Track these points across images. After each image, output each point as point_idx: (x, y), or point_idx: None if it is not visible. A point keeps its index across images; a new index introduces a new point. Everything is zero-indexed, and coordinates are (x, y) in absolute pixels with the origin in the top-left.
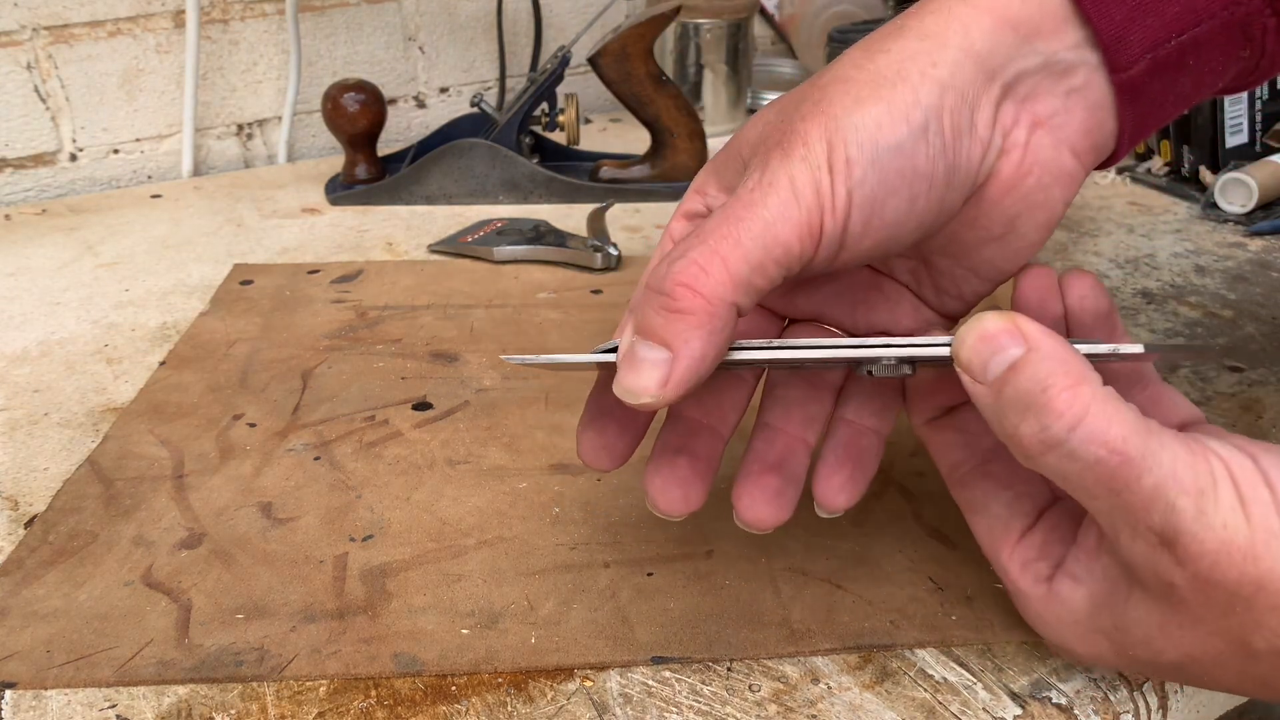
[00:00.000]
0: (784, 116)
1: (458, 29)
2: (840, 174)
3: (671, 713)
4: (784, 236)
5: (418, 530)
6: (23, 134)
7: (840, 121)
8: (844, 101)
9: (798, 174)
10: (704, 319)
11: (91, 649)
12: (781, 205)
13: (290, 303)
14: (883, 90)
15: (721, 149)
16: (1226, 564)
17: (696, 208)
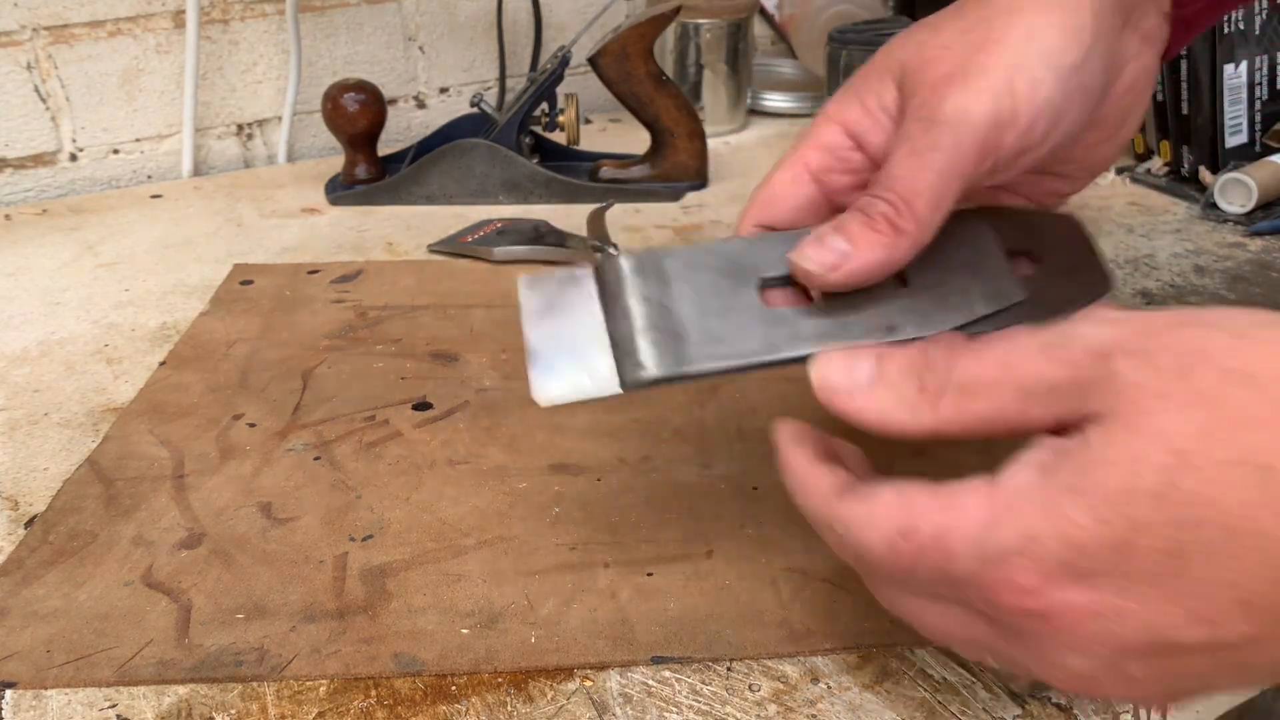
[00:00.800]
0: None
1: (458, 29)
2: (1024, 96)
3: (671, 713)
4: (967, 165)
5: (418, 530)
6: (23, 134)
7: (1023, 49)
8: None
9: (980, 100)
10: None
11: (91, 649)
12: (965, 134)
13: (290, 303)
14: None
15: (859, 77)
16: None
17: (835, 139)
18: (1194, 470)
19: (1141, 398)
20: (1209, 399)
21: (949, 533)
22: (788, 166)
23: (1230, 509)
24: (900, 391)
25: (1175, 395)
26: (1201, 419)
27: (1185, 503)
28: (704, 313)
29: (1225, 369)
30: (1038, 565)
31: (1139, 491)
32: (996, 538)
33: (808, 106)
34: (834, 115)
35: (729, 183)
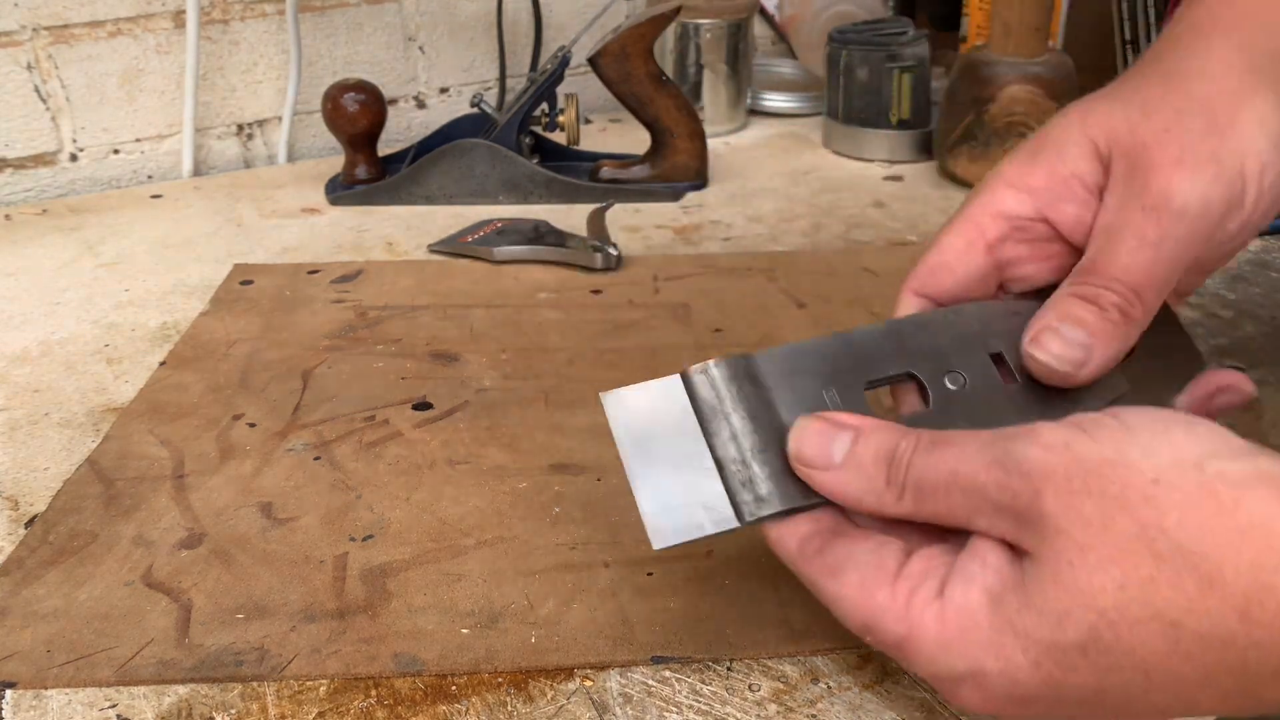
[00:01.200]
0: (1166, 125)
1: (458, 29)
2: (1253, 180)
3: (671, 712)
4: (1194, 250)
5: (418, 530)
6: (23, 134)
7: (1255, 135)
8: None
9: (1215, 190)
10: (1125, 333)
11: (92, 649)
12: (1196, 224)
13: (290, 303)
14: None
15: (1044, 144)
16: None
17: (1016, 208)
18: (1111, 626)
19: (1067, 547)
20: (1125, 555)
21: (907, 643)
22: (960, 232)
23: (1145, 658)
24: (870, 480)
25: (1096, 549)
26: (1118, 576)
27: (1105, 652)
28: None
29: (1141, 521)
30: (983, 693)
31: (1065, 644)
32: (949, 662)
33: (808, 106)
34: (1015, 181)
35: (729, 183)
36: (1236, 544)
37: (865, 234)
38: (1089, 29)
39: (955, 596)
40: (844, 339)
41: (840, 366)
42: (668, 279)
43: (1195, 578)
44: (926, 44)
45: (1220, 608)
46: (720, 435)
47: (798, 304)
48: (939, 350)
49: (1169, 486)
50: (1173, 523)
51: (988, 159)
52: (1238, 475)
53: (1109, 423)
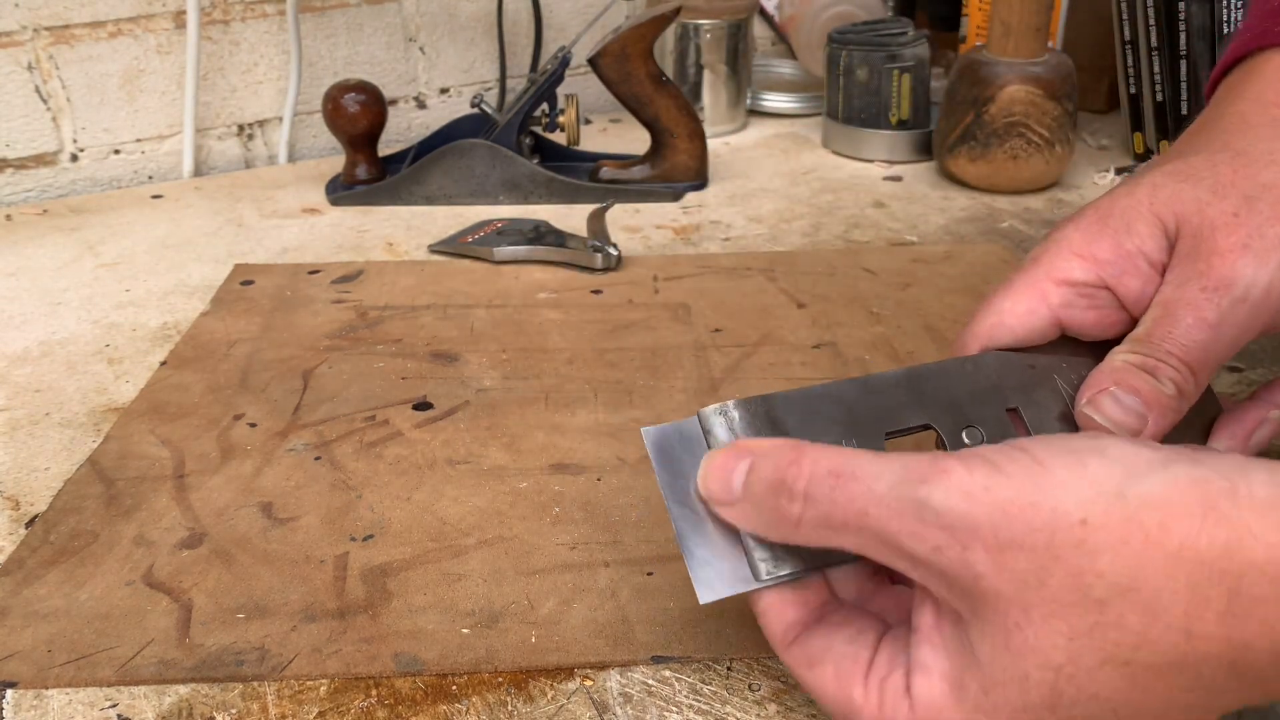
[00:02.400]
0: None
1: (458, 29)
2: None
3: (671, 712)
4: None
5: (418, 530)
6: (24, 134)
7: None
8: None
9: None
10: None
11: (92, 648)
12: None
13: (291, 303)
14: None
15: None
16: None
17: (1082, 275)
18: (1070, 679)
19: (1010, 610)
20: (1066, 608)
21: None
22: (1024, 297)
23: (1110, 699)
24: (767, 512)
25: (1036, 606)
26: (1064, 629)
27: (1072, 704)
28: None
29: (1075, 570)
30: None
31: (1034, 705)
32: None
33: (807, 107)
34: (1081, 250)
35: (729, 183)
36: (1171, 570)
37: (865, 234)
38: (1089, 29)
39: (920, 692)
40: (862, 384)
41: (859, 414)
42: (668, 279)
43: (1138, 613)
44: (926, 44)
45: (1166, 635)
46: None
47: (798, 304)
48: (956, 402)
49: (1096, 527)
50: (1106, 565)
51: (987, 159)
52: (1159, 495)
53: (1020, 457)
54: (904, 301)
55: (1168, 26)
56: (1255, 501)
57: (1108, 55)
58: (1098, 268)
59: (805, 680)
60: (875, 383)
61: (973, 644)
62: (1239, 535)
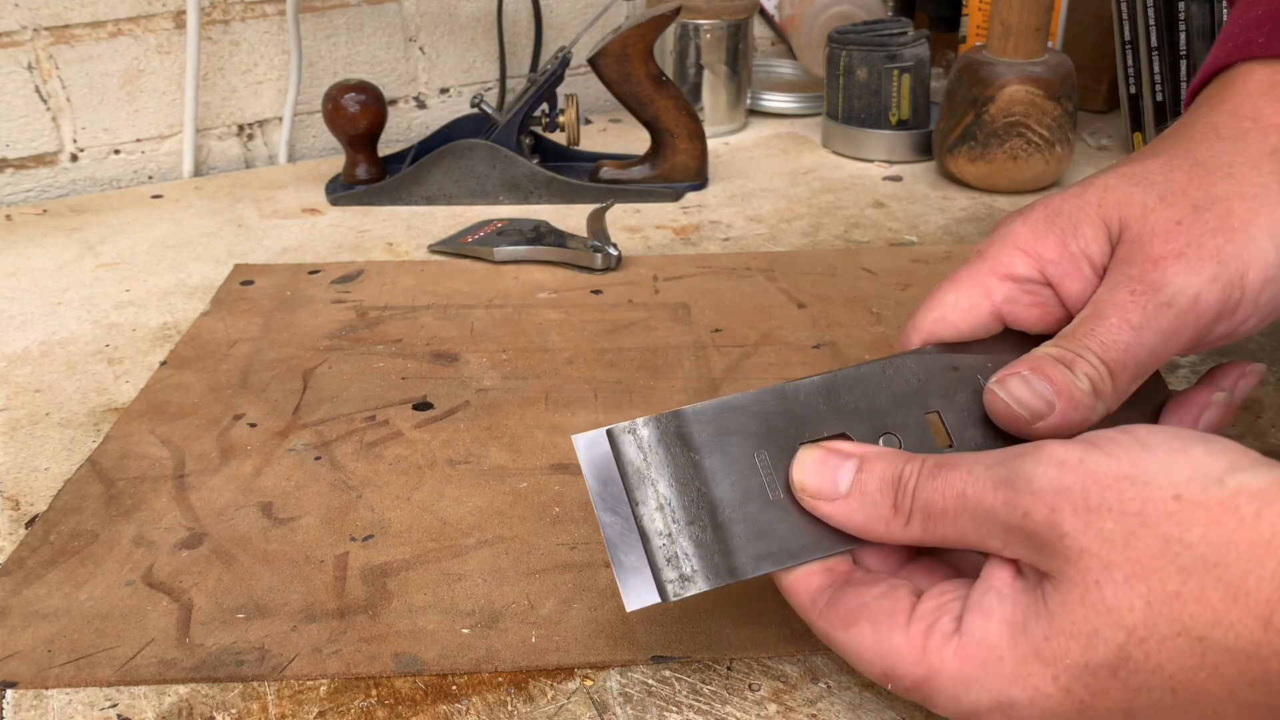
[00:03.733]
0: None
1: (458, 29)
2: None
3: (671, 712)
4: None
5: (418, 530)
6: (24, 134)
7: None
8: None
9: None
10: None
11: (92, 648)
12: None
13: (291, 303)
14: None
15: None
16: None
17: (1025, 272)
18: (1141, 644)
19: (1091, 566)
20: (1150, 572)
21: (927, 684)
22: (965, 292)
23: (1174, 675)
24: (877, 508)
25: (1120, 566)
26: (1145, 592)
27: (1135, 671)
28: (746, 496)
29: (1164, 537)
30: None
31: (1096, 665)
32: (973, 698)
33: (807, 107)
34: (1026, 245)
35: (729, 183)
36: (1260, 555)
37: (865, 234)
38: (1089, 29)
39: (974, 631)
40: (779, 393)
41: (773, 426)
42: (668, 279)
43: (1220, 590)
44: (926, 44)
45: (1244, 619)
46: (647, 504)
47: (798, 304)
48: (875, 409)
49: (1190, 503)
50: (1196, 537)
51: (987, 159)
52: (1258, 487)
53: (1123, 439)
54: (904, 301)
55: (1168, 26)
56: None
57: (1108, 55)
58: (1041, 265)
59: (842, 642)
60: (793, 391)
61: (1045, 598)
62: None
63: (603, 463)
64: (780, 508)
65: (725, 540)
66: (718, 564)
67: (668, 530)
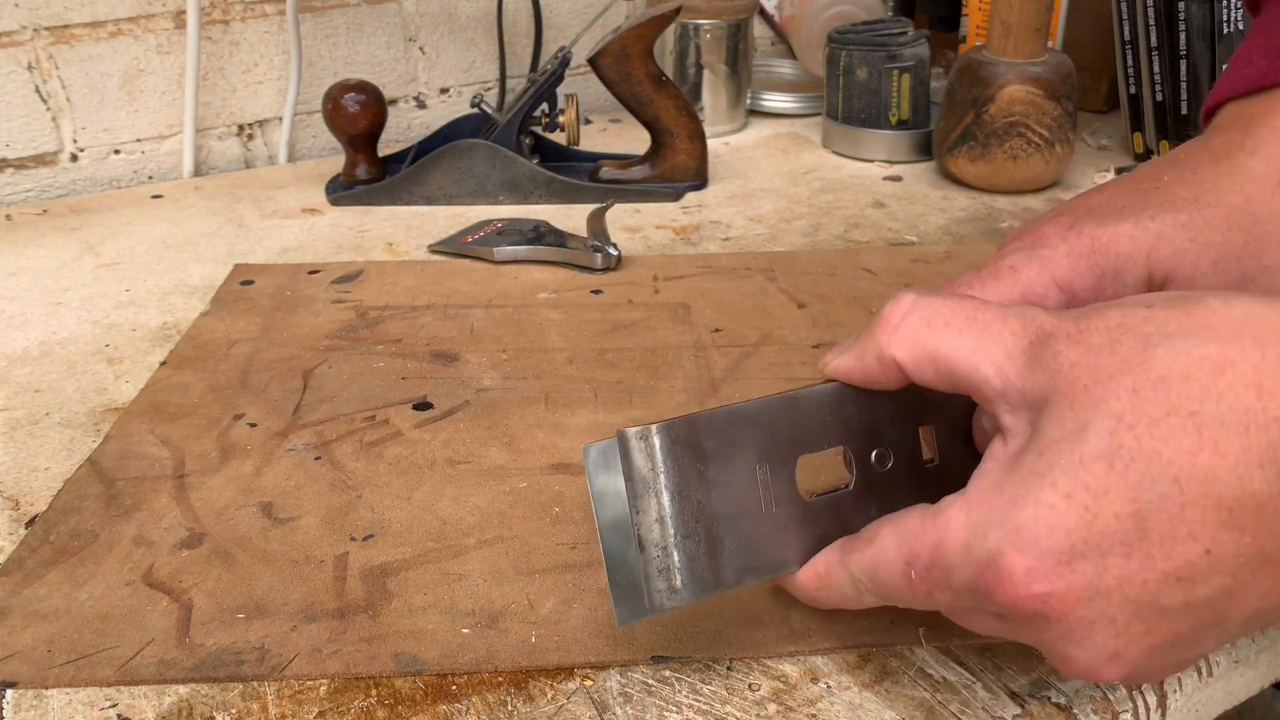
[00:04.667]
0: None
1: (458, 29)
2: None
3: (671, 712)
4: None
5: (418, 530)
6: (24, 134)
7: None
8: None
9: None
10: None
11: (92, 648)
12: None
13: (291, 303)
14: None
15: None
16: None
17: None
18: (1131, 428)
19: (1079, 374)
20: (1133, 364)
21: (941, 548)
22: None
23: (1173, 460)
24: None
25: (1105, 367)
26: (1129, 382)
27: (1132, 459)
28: (742, 510)
29: (1143, 335)
30: (1024, 557)
31: (1089, 458)
32: (983, 538)
33: (807, 106)
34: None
35: (729, 183)
36: (1238, 330)
37: (865, 234)
38: (1089, 29)
39: (974, 485)
40: (791, 401)
41: (778, 438)
42: (668, 279)
43: (1205, 366)
44: (926, 44)
45: (1234, 387)
46: (648, 514)
47: (798, 304)
48: (875, 424)
49: (1163, 308)
50: (1174, 328)
51: (987, 159)
52: (1214, 292)
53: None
54: None
55: (1168, 26)
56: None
57: (1108, 55)
58: (1072, 303)
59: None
60: (805, 400)
61: (1038, 428)
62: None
63: (609, 470)
64: (770, 521)
65: (716, 554)
66: (705, 577)
67: (663, 543)
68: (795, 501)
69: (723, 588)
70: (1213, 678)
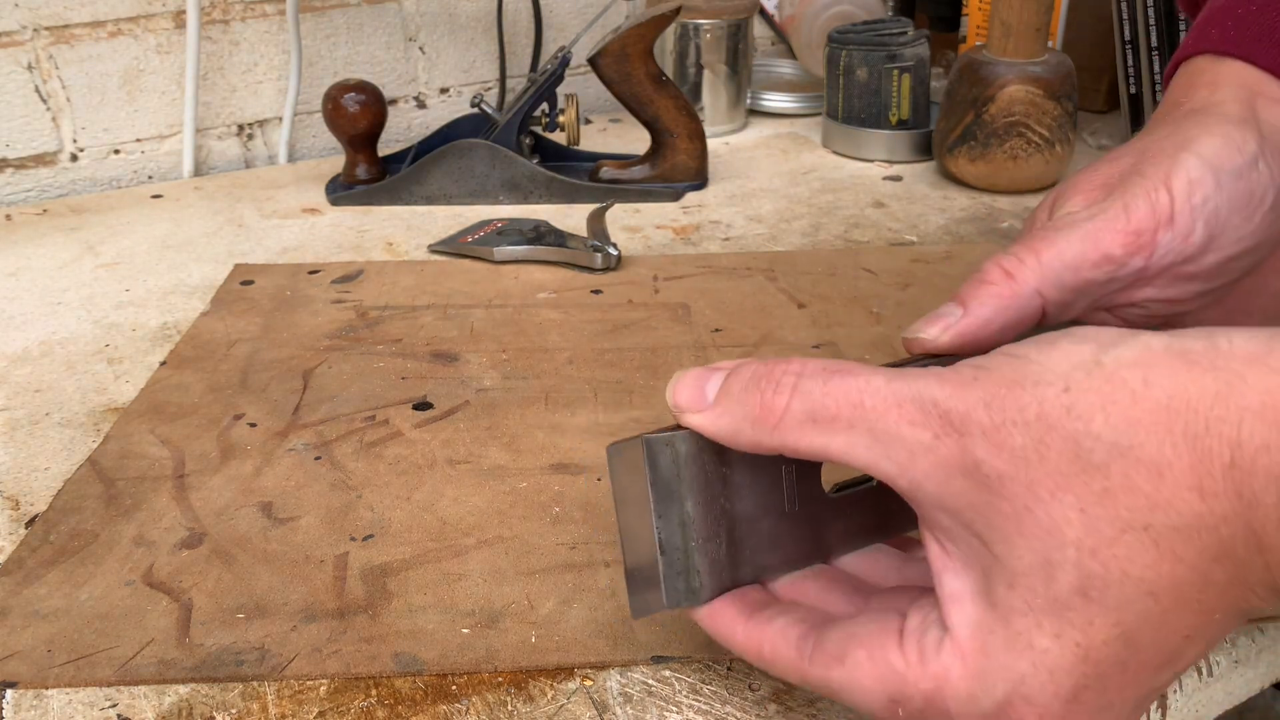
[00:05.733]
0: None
1: (458, 29)
2: (1181, 194)
3: (671, 712)
4: (1106, 244)
5: (418, 530)
6: (24, 134)
7: (1181, 153)
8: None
9: (1133, 195)
10: (1002, 292)
11: (92, 648)
12: (1109, 219)
13: (291, 303)
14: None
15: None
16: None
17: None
18: (1093, 554)
19: (1015, 492)
20: (1071, 477)
21: (939, 696)
22: None
23: (1142, 577)
24: (744, 407)
25: (1041, 482)
26: (1074, 501)
27: (1104, 586)
28: (765, 510)
29: (1072, 436)
30: (1034, 707)
31: (1065, 594)
32: (989, 691)
33: (807, 106)
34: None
35: (729, 183)
36: (1166, 422)
37: (865, 234)
38: (1089, 29)
39: (956, 622)
40: None
41: None
42: (668, 279)
43: (1143, 471)
44: (926, 44)
45: (1177, 494)
46: (670, 520)
47: (798, 304)
48: None
49: (1080, 390)
50: (1100, 426)
51: (987, 159)
52: (1133, 358)
53: (996, 358)
54: (904, 301)
55: (1168, 26)
56: (1238, 352)
57: (1108, 55)
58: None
59: (840, 680)
60: None
61: (989, 545)
62: (1229, 382)
63: (633, 472)
64: (792, 519)
65: (737, 555)
66: (724, 578)
67: (684, 546)
68: (819, 499)
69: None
70: (1213, 678)
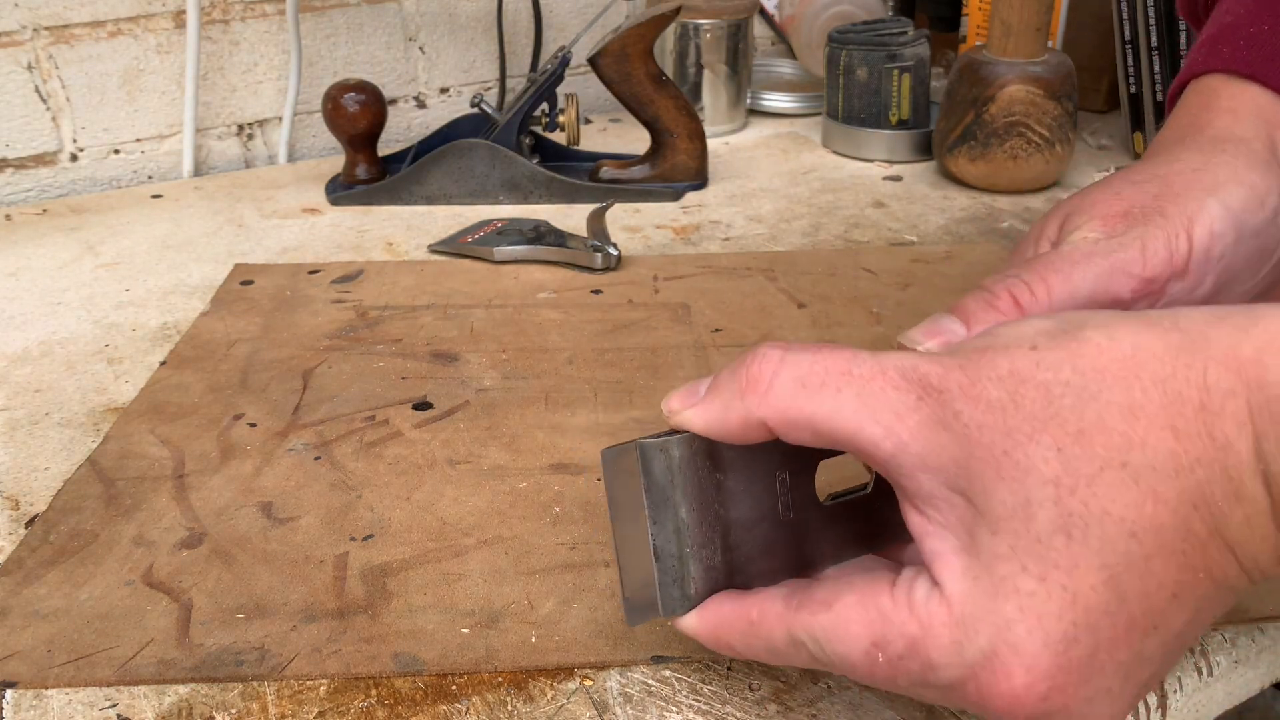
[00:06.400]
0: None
1: (458, 29)
2: (1201, 245)
3: (671, 712)
4: (1117, 288)
5: (418, 530)
6: (24, 134)
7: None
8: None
9: (1152, 237)
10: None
11: (92, 648)
12: (1125, 261)
13: (290, 303)
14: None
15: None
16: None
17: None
18: (1072, 492)
19: (992, 438)
20: (1045, 420)
21: (923, 643)
22: None
23: (1123, 516)
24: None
25: (1018, 427)
26: (1050, 441)
27: (1086, 526)
28: (760, 517)
29: (1043, 384)
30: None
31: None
32: (974, 640)
33: (807, 106)
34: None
35: (729, 183)
36: (1134, 370)
37: (865, 234)
38: (1089, 29)
39: (946, 577)
40: None
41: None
42: (668, 279)
43: (1116, 412)
44: (926, 44)
45: (1152, 431)
46: (665, 526)
47: (798, 304)
48: None
49: (1047, 348)
50: (1069, 374)
51: (987, 159)
52: (1099, 319)
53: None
54: (904, 301)
55: (1168, 26)
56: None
57: (1108, 55)
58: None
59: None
60: None
61: (972, 499)
62: (1191, 338)
63: (627, 478)
64: (787, 526)
65: (732, 561)
66: (719, 584)
67: (679, 553)
68: (814, 506)
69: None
70: (1213, 678)
